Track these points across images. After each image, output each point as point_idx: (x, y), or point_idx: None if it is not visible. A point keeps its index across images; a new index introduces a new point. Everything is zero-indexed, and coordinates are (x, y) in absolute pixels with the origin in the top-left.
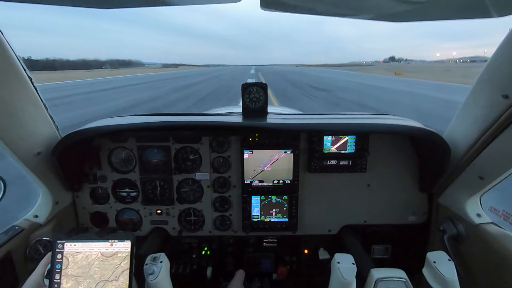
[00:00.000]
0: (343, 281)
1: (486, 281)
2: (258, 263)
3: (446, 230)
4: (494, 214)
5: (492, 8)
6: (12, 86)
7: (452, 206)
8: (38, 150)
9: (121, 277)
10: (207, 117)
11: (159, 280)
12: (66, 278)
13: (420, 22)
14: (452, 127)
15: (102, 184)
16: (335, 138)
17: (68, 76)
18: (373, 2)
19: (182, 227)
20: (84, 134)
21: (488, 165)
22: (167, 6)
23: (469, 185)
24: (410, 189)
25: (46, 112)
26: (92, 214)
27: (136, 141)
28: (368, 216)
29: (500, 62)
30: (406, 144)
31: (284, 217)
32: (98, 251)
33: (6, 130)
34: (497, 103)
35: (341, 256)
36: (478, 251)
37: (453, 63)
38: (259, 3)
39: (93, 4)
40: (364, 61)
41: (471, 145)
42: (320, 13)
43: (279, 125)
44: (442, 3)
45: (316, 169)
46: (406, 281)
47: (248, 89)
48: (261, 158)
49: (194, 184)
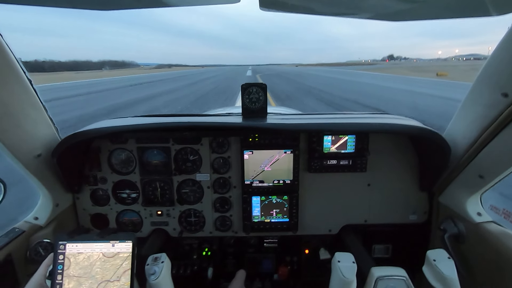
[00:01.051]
0: (344, 280)
1: (487, 280)
2: (259, 264)
3: (446, 229)
4: (494, 212)
5: (491, 6)
6: (12, 88)
7: (453, 205)
8: (38, 152)
9: (123, 277)
10: (207, 117)
11: (161, 280)
12: (68, 279)
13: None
14: (451, 126)
15: (102, 186)
16: (335, 138)
17: (47, 79)
18: (371, 2)
19: (182, 228)
20: (84, 136)
21: (488, 164)
22: (167, 7)
23: (469, 184)
24: (410, 189)
25: (46, 114)
26: (92, 216)
27: (136, 142)
28: (368, 216)
29: (499, 61)
30: (406, 143)
31: (285, 217)
32: (100, 251)
33: (6, 132)
34: (497, 102)
35: (341, 255)
36: (478, 250)
37: (456, 61)
38: (258, 4)
39: (93, 6)
40: (362, 60)
41: (471, 143)
42: (318, 13)
43: (279, 125)
44: (440, 2)
45: (316, 169)
46: (406, 279)
47: (247, 89)
48: (261, 159)
49: (194, 185)
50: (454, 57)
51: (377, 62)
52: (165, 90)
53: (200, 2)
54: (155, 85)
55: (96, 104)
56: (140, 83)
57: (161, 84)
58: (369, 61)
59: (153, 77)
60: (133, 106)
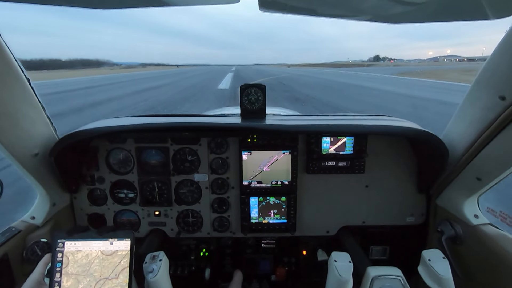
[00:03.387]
0: (340, 279)
1: (484, 282)
2: (256, 265)
3: (444, 231)
4: (491, 215)
5: (489, 10)
6: (10, 87)
7: (450, 207)
8: (35, 151)
9: (121, 275)
10: (206, 118)
11: (159, 278)
12: (66, 277)
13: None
14: (449, 129)
15: (100, 186)
16: (333, 139)
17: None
18: (371, 4)
19: (180, 228)
20: (82, 135)
21: (486, 166)
22: (167, 6)
23: (467, 186)
24: (408, 190)
25: (43, 113)
26: (89, 216)
27: (135, 142)
28: (366, 217)
29: (497, 64)
30: (404, 145)
31: (283, 218)
32: (98, 249)
33: (4, 131)
34: (494, 105)
35: (338, 254)
36: (476, 252)
37: (449, 62)
38: (258, 4)
39: (91, 4)
40: (350, 60)
41: (468, 146)
42: (318, 14)
43: (278, 126)
44: (439, 5)
45: (314, 170)
46: (402, 279)
47: (246, 90)
48: (260, 159)
49: (192, 185)
50: (445, 57)
51: (386, 64)
52: (105, 98)
53: (200, 2)
54: (100, 91)
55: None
56: (82, 88)
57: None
58: (357, 62)
59: (110, 79)
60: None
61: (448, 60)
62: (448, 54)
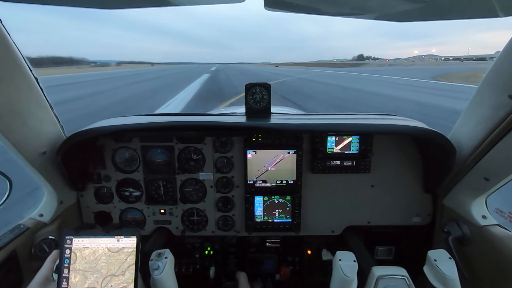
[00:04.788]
0: (345, 278)
1: (491, 284)
2: (261, 264)
3: (450, 232)
4: (500, 216)
5: (498, 7)
6: (18, 86)
7: (457, 207)
8: (43, 150)
9: (127, 272)
10: (211, 117)
11: (164, 275)
12: (74, 273)
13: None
14: (457, 128)
15: (106, 184)
16: (339, 138)
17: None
18: (377, 2)
19: (185, 227)
20: (88, 134)
21: (494, 166)
22: (171, 6)
23: (475, 187)
24: (414, 190)
25: (51, 112)
26: (96, 214)
27: (140, 141)
28: (371, 217)
29: (506, 63)
30: (410, 144)
31: (287, 217)
32: (105, 246)
33: (12, 129)
34: (503, 104)
35: (342, 253)
36: (483, 253)
37: (440, 61)
38: (263, 3)
39: (96, 4)
40: (335, 59)
41: (476, 146)
42: (324, 13)
43: (283, 125)
44: (447, 3)
45: (319, 169)
46: (407, 279)
47: (251, 89)
48: (265, 158)
49: (197, 184)
50: (434, 57)
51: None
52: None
53: (203, 1)
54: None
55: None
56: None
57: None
58: (342, 61)
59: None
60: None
61: (433, 59)
62: (432, 53)
